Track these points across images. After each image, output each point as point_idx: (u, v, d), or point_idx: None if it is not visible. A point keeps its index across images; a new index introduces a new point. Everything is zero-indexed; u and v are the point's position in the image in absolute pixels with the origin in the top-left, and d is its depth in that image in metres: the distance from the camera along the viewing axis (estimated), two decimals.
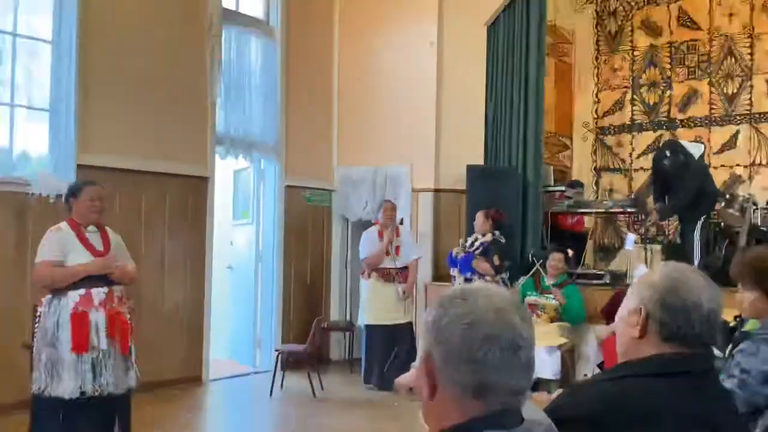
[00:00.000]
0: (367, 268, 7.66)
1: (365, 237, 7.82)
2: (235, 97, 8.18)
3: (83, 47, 6.67)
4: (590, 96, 10.74)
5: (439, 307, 1.39)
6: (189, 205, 7.62)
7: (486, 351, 1.32)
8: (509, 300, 1.41)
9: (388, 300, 7.57)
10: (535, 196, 8.56)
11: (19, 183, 6.31)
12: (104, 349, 4.63)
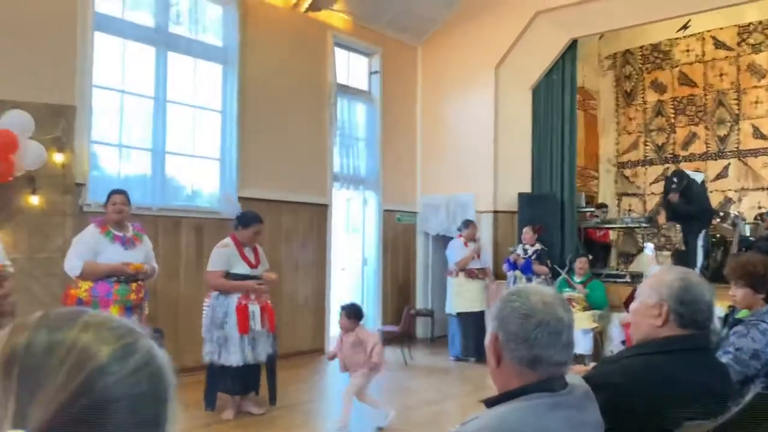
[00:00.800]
0: (457, 268, 7.58)
1: (454, 246, 7.72)
2: (346, 145, 8.37)
3: (242, 113, 6.98)
4: (612, 139, 10.56)
5: (501, 302, 1.46)
6: (315, 225, 7.83)
7: (537, 333, 1.36)
8: (554, 295, 1.47)
9: (473, 293, 7.52)
10: (571, 215, 8.45)
11: (198, 210, 6.62)
12: (259, 330, 4.83)
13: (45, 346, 0.58)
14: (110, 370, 0.59)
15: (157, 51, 6.39)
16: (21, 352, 0.57)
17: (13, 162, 4.86)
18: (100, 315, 0.64)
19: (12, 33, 5.26)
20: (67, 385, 0.56)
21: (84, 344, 0.59)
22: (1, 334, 0.61)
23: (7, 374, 0.56)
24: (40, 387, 0.55)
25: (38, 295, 5.10)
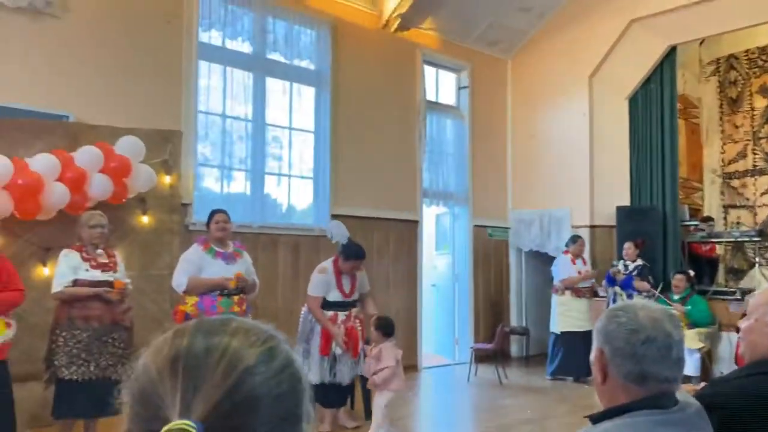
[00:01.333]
0: (562, 286, 7.37)
1: (559, 262, 7.49)
2: (436, 161, 8.43)
3: (334, 132, 7.20)
4: (717, 148, 10.03)
5: (607, 317, 1.44)
6: (405, 241, 7.91)
7: (645, 349, 1.34)
8: (662, 311, 1.43)
9: (579, 312, 7.26)
10: (674, 229, 8.08)
11: (294, 227, 6.86)
12: (339, 354, 4.94)
13: (203, 348, 0.66)
14: (257, 371, 0.66)
15: (255, 76, 6.72)
16: (183, 353, 0.66)
17: (126, 185, 5.25)
18: (246, 322, 0.73)
19: (126, 66, 5.69)
20: (222, 384, 0.64)
21: (234, 348, 0.67)
22: (163, 337, 0.71)
23: (174, 372, 0.65)
24: (200, 384, 0.63)
25: (149, 309, 5.44)
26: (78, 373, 4.03)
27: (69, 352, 4.04)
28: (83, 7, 5.53)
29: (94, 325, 4.12)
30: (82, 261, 4.17)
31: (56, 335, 4.09)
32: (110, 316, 4.20)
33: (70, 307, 4.12)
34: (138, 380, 0.67)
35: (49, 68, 5.31)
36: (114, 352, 4.20)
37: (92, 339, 4.10)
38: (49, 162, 4.76)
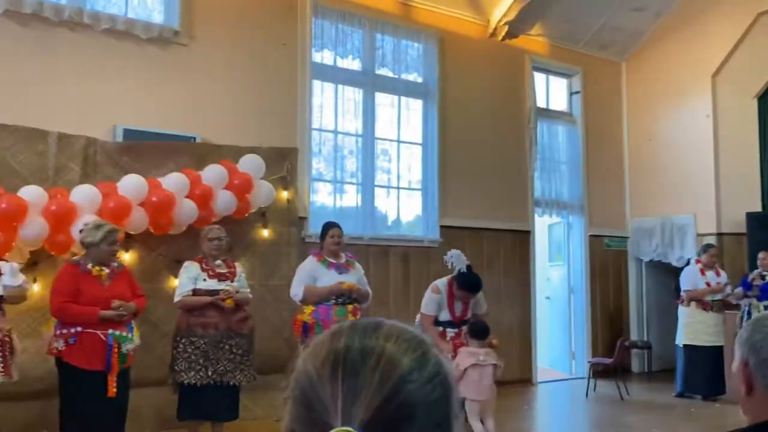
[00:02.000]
0: (687, 297, 6.92)
1: (687, 272, 7.04)
2: (547, 169, 8.26)
3: (442, 144, 7.25)
4: None
5: (752, 326, 1.37)
6: (516, 252, 7.80)
7: None
8: None
9: (706, 325, 6.80)
10: None
11: (404, 239, 6.96)
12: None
13: (359, 353, 0.69)
14: (411, 378, 0.68)
15: (364, 92, 6.92)
16: (341, 357, 0.68)
17: (249, 200, 5.56)
18: (395, 326, 0.74)
19: (246, 89, 6.06)
20: (379, 391, 0.66)
21: (389, 353, 0.69)
22: (320, 339, 0.73)
23: (334, 376, 0.67)
24: (359, 391, 0.66)
25: (270, 318, 5.71)
26: (196, 377, 4.29)
27: (188, 358, 4.31)
28: (206, 36, 5.94)
29: (210, 332, 4.37)
30: (200, 271, 4.47)
31: (177, 342, 4.39)
32: (226, 324, 4.43)
33: (189, 315, 4.42)
34: (299, 383, 0.70)
35: (178, 94, 5.74)
36: (231, 358, 4.42)
37: (209, 345, 4.35)
38: (179, 180, 5.14)
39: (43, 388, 4.37)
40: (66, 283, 3.94)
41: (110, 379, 3.90)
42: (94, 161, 5.17)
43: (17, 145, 4.87)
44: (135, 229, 5.02)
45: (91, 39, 5.41)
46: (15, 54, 5.11)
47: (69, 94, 5.26)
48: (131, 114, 5.50)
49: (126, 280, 4.18)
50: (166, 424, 5.06)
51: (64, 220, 4.56)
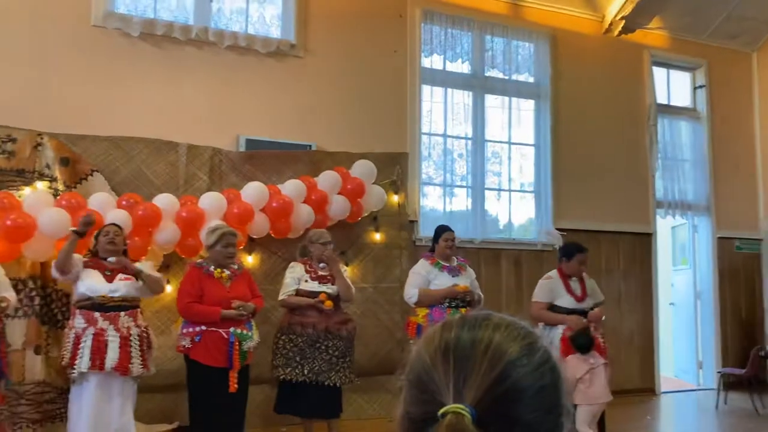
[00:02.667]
0: None
1: None
2: (670, 168, 7.83)
3: (555, 144, 7.08)
4: None
5: None
6: (637, 255, 7.45)
7: None
8: None
9: None
10: None
11: (516, 242, 6.85)
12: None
13: (469, 341, 0.73)
14: (520, 363, 0.72)
15: (474, 94, 6.90)
16: (452, 345, 0.74)
17: (361, 205, 5.71)
18: (504, 318, 0.79)
19: (358, 97, 6.23)
20: (488, 374, 0.70)
21: (497, 341, 0.73)
22: (432, 329, 0.79)
23: (446, 360, 0.72)
24: (470, 374, 0.70)
25: (382, 320, 5.83)
26: (292, 374, 4.42)
27: (286, 354, 4.47)
28: (320, 48, 6.17)
29: (308, 331, 4.50)
30: (304, 273, 4.63)
31: (277, 338, 4.56)
32: (325, 324, 4.53)
33: (290, 314, 4.59)
34: (413, 368, 0.75)
35: (295, 104, 6.01)
36: (327, 359, 4.50)
37: (306, 344, 4.47)
38: (296, 187, 5.37)
39: (175, 382, 4.70)
40: (191, 284, 4.21)
41: (232, 376, 4.12)
42: (220, 170, 5.52)
43: (152, 156, 5.29)
44: (257, 233, 5.30)
45: (215, 56, 5.78)
46: (149, 73, 5.56)
47: (197, 108, 5.64)
48: (253, 125, 5.81)
49: (245, 282, 4.42)
50: (285, 420, 5.29)
51: (193, 225, 4.90)
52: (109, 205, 4.69)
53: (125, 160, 5.20)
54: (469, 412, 0.68)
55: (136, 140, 5.25)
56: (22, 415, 4.47)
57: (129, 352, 3.92)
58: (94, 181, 5.01)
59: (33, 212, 4.40)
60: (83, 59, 5.33)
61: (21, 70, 5.11)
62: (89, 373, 3.83)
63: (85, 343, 3.84)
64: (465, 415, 0.68)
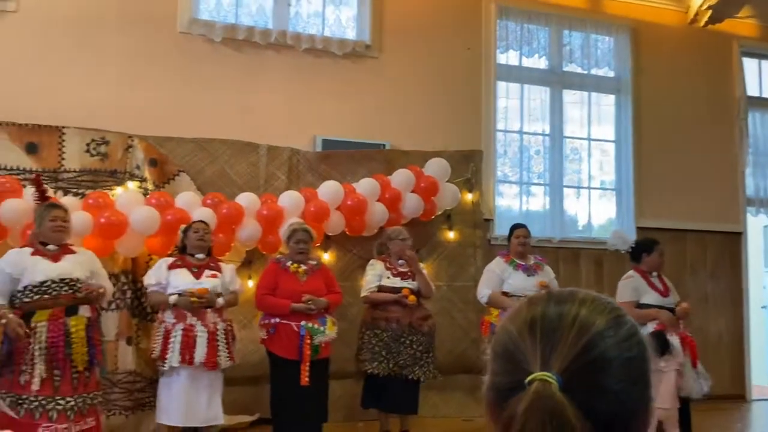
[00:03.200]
0: None
1: None
2: (762, 164, 7.41)
3: (637, 140, 6.85)
4: None
5: None
6: (725, 255, 7.10)
7: None
8: None
9: None
10: None
11: (596, 242, 6.66)
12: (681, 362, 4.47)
13: (556, 314, 0.76)
14: (607, 335, 0.74)
15: (551, 90, 6.77)
16: (539, 317, 0.76)
17: (435, 203, 5.73)
18: (590, 293, 0.80)
19: (432, 95, 6.24)
20: (575, 344, 0.72)
21: (584, 314, 0.75)
22: (518, 305, 0.81)
23: (532, 332, 0.75)
24: (556, 344, 0.73)
25: (456, 318, 5.82)
26: (379, 368, 4.52)
27: (372, 349, 4.57)
28: (394, 47, 6.22)
29: (393, 326, 4.61)
30: (385, 269, 4.71)
31: (362, 333, 4.67)
32: (408, 319, 4.64)
33: (374, 309, 4.71)
34: (499, 340, 0.78)
35: (369, 104, 6.08)
36: (412, 353, 4.60)
37: (392, 339, 4.57)
38: (370, 185, 5.45)
39: (255, 375, 4.88)
40: (267, 277, 4.43)
41: (302, 368, 4.24)
42: (297, 170, 5.67)
43: (234, 157, 5.50)
44: (333, 230, 5.41)
45: (293, 58, 5.93)
46: (230, 77, 5.76)
47: (275, 109, 5.81)
48: (328, 125, 5.93)
49: (322, 277, 4.55)
50: (362, 415, 5.38)
51: (273, 223, 5.06)
52: (195, 204, 4.91)
53: (209, 161, 5.43)
54: (555, 380, 0.70)
55: (219, 142, 5.47)
56: (115, 402, 4.74)
57: (216, 347, 4.10)
58: (181, 180, 5.26)
59: (125, 210, 4.66)
60: (170, 65, 5.59)
61: (113, 76, 5.42)
62: (179, 367, 4.03)
63: (175, 338, 4.03)
64: (552, 382, 0.70)
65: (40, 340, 3.53)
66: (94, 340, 3.71)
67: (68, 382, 3.57)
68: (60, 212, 3.81)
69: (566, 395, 0.69)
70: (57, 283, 3.64)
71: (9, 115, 4.89)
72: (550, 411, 0.68)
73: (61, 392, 3.54)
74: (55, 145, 4.98)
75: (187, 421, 4.10)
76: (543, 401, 0.68)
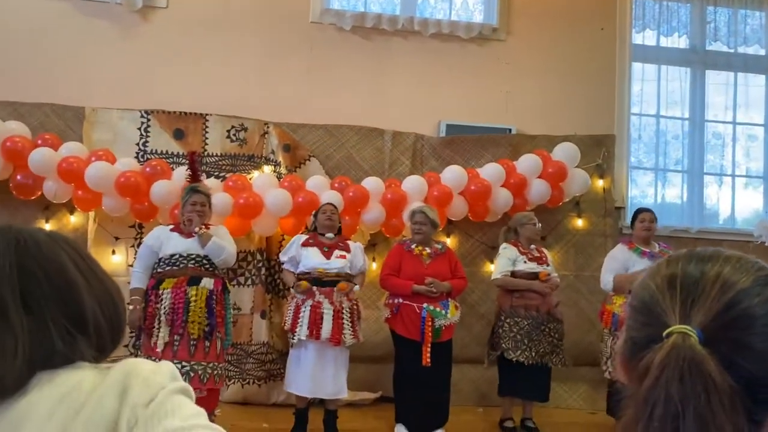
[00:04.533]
0: None
1: None
2: None
3: None
4: None
5: None
6: None
7: None
8: None
9: None
10: None
11: (740, 233, 6.20)
12: None
13: (698, 272, 0.75)
14: (753, 293, 0.72)
15: (692, 71, 6.36)
16: (679, 274, 0.76)
17: (562, 189, 5.57)
18: (735, 253, 0.79)
19: (561, 78, 6.05)
20: (717, 300, 0.72)
21: (727, 272, 0.74)
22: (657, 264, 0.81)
23: (672, 288, 0.75)
24: (697, 299, 0.72)
25: (583, 308, 5.65)
26: (523, 356, 4.52)
27: (514, 337, 4.55)
28: (523, 29, 6.10)
29: (533, 314, 4.59)
30: (518, 254, 4.67)
31: (501, 321, 4.64)
32: (546, 307, 4.62)
33: (511, 297, 4.67)
34: (637, 295, 0.79)
35: (495, 88, 6.01)
36: (550, 341, 4.61)
37: (532, 327, 4.57)
38: (495, 170, 5.40)
39: (378, 354, 5.03)
40: (392, 259, 4.57)
41: (424, 349, 4.35)
42: (421, 155, 5.74)
43: (360, 143, 5.66)
44: (455, 215, 5.42)
45: (419, 44, 5.98)
46: (358, 64, 5.91)
47: (401, 96, 5.90)
48: (454, 110, 5.93)
49: (447, 261, 4.60)
50: (482, 400, 5.38)
51: (397, 207, 5.16)
52: (324, 187, 5.12)
53: (337, 147, 5.62)
54: (695, 334, 0.69)
55: (347, 128, 5.65)
56: (249, 372, 5.08)
57: (341, 324, 4.27)
58: (311, 165, 5.50)
59: (261, 192, 4.95)
60: (302, 54, 5.83)
61: (250, 66, 5.74)
62: (307, 340, 4.24)
63: (304, 314, 4.25)
64: (691, 335, 0.69)
65: (164, 306, 3.86)
66: (216, 311, 3.94)
67: (186, 347, 3.85)
68: (200, 197, 4.13)
69: (707, 349, 0.68)
70: (184, 257, 3.98)
71: (159, 104, 5.34)
72: (688, 362, 0.67)
73: (179, 356, 3.82)
74: (200, 131, 5.37)
75: (313, 393, 4.31)
76: (682, 352, 0.68)
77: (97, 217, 5.09)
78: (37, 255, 0.89)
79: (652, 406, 0.67)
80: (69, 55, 5.43)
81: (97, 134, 5.21)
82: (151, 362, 0.89)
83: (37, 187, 4.85)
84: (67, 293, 0.89)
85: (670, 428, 0.66)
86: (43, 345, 0.85)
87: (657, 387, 0.68)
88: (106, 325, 0.92)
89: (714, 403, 0.66)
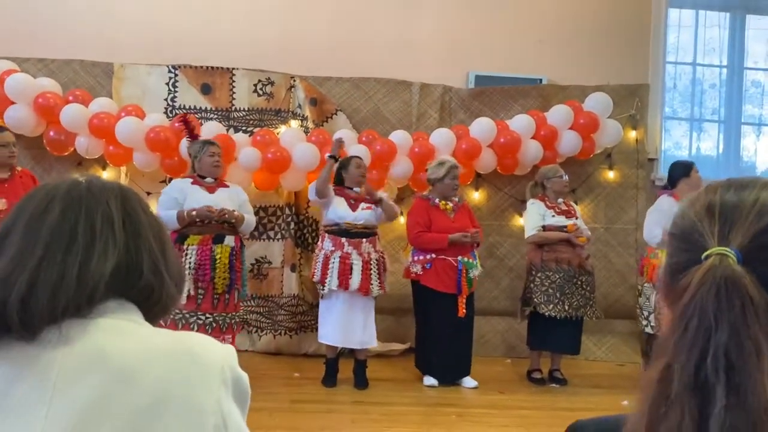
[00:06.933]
0: None
1: None
2: None
3: None
4: None
5: None
6: None
7: None
8: None
9: None
10: None
11: None
12: None
13: (736, 198, 0.76)
14: None
15: (732, 16, 6.12)
16: (717, 202, 0.76)
17: (594, 141, 5.47)
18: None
19: (594, 27, 5.88)
20: (757, 222, 0.72)
21: (764, 198, 0.74)
22: (696, 193, 0.81)
23: (710, 214, 0.75)
24: (735, 223, 0.73)
25: (614, 262, 5.61)
26: (555, 310, 4.53)
27: (545, 291, 4.54)
28: None
29: (564, 267, 4.57)
30: (546, 209, 4.64)
31: (533, 276, 4.63)
32: (578, 260, 4.59)
33: (541, 251, 4.64)
34: (676, 224, 0.80)
35: (526, 37, 5.86)
36: (582, 294, 4.61)
37: (564, 280, 4.56)
38: (525, 122, 5.32)
39: (398, 306, 5.09)
40: (419, 215, 4.53)
41: (460, 301, 4.43)
42: (449, 107, 5.66)
43: (388, 95, 5.61)
44: (484, 168, 5.38)
45: None
46: (387, 12, 5.78)
47: (430, 45, 5.79)
48: (483, 60, 5.81)
49: (467, 213, 4.67)
50: (510, 352, 5.43)
51: (425, 161, 5.12)
52: (351, 141, 5.10)
53: (364, 100, 5.58)
54: (734, 254, 0.70)
55: (374, 81, 5.59)
56: (280, 323, 5.19)
57: (369, 275, 4.33)
58: (338, 119, 5.47)
59: (288, 147, 4.96)
60: (327, 4, 5.72)
61: (275, 18, 5.67)
62: (337, 291, 4.30)
63: (333, 265, 4.30)
64: (730, 255, 0.70)
65: (189, 261, 3.97)
66: (236, 267, 4.10)
67: (209, 300, 4.00)
68: (216, 148, 4.22)
69: (745, 268, 0.69)
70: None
71: (186, 59, 5.34)
72: (725, 279, 0.68)
73: (203, 308, 3.98)
74: (227, 86, 5.37)
75: (344, 342, 4.40)
76: (719, 271, 0.69)
77: (129, 173, 5.17)
78: (136, 197, 0.98)
79: (687, 320, 0.69)
80: (96, 11, 5.43)
81: (126, 90, 5.25)
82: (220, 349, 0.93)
83: (70, 143, 4.93)
84: (159, 231, 0.97)
85: (702, 340, 0.68)
86: (136, 268, 0.91)
87: (693, 303, 0.69)
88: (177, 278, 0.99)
89: (749, 317, 0.67)
